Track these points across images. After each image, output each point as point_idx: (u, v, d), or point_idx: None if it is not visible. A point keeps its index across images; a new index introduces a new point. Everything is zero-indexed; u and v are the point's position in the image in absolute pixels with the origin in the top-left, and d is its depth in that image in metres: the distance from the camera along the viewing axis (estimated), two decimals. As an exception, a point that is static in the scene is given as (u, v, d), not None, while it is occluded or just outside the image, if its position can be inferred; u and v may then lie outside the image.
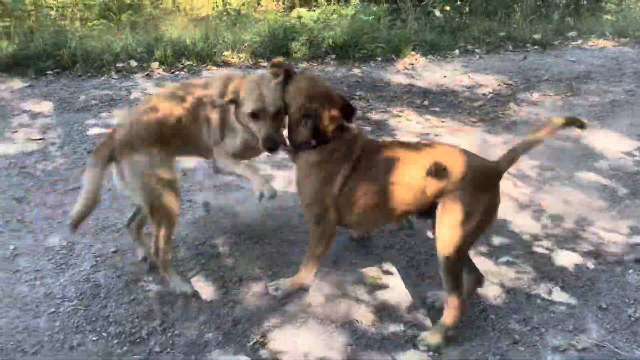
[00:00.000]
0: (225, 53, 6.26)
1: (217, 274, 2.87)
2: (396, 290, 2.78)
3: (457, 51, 7.02)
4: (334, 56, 6.49)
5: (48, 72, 5.56)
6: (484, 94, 5.65)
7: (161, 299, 2.68)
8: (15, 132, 4.31)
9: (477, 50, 7.15)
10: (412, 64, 6.50)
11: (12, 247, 2.99)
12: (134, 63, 5.87)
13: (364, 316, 2.59)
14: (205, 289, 2.76)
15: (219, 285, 2.78)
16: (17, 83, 5.31)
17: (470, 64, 6.64)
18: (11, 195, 3.47)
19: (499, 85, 5.94)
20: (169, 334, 2.47)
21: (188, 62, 6.01)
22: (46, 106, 4.83)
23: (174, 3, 8.30)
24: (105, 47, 6.03)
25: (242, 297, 2.72)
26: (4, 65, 5.53)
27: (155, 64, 5.86)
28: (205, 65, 6.06)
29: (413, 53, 6.69)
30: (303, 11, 7.61)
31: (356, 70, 6.21)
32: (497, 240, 3.19)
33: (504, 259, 3.03)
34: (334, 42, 6.55)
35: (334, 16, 7.34)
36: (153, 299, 2.67)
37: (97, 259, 2.94)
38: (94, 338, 2.44)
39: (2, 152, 3.99)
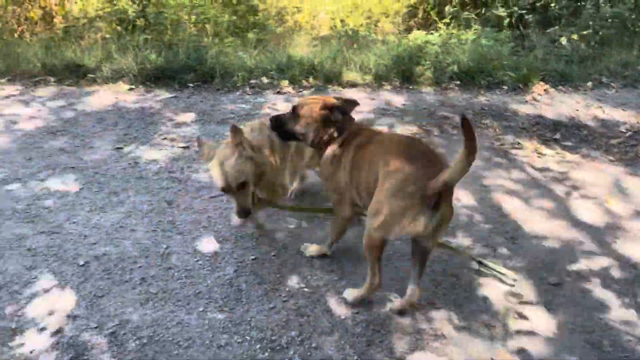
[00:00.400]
0: (350, 75, 6.44)
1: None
2: (534, 322, 2.71)
3: (590, 83, 6.68)
4: (458, 82, 6.45)
5: (190, 84, 6.06)
6: (621, 131, 5.33)
7: (297, 310, 2.81)
8: (164, 139, 4.73)
9: (612, 83, 6.76)
10: (540, 94, 6.28)
11: (164, 246, 3.28)
12: (265, 80, 6.22)
13: (500, 354, 2.55)
14: (337, 307, 2.84)
15: (351, 304, 2.86)
16: (164, 94, 5.84)
17: (604, 98, 6.29)
18: (163, 197, 3.81)
19: (639, 122, 5.57)
20: (307, 346, 2.58)
21: (315, 82, 6.26)
22: (189, 117, 5.25)
23: (295, 23, 8.67)
24: (239, 64, 6.45)
25: (373, 317, 2.77)
26: (153, 77, 6.11)
27: (285, 82, 6.17)
28: (331, 85, 6.28)
29: (542, 83, 6.47)
30: (421, 34, 7.62)
31: (481, 98, 6.12)
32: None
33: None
34: (459, 68, 6.51)
35: (453, 40, 7.29)
36: (290, 310, 2.81)
37: (239, 264, 3.14)
38: (239, 340, 2.60)
39: (153, 157, 4.39)
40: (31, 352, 2.49)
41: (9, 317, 2.69)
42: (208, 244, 3.31)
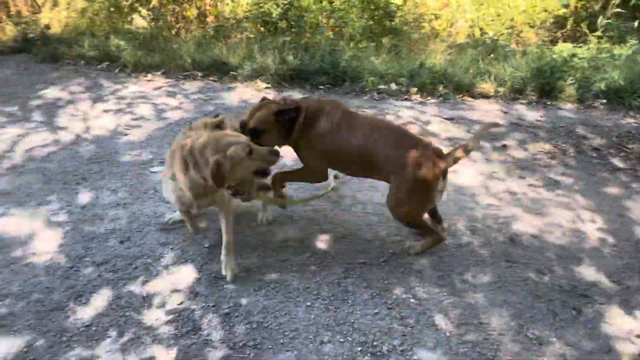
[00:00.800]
0: (483, 85, 6.22)
1: (457, 309, 2.87)
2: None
3: None
4: (604, 101, 5.92)
5: (321, 86, 6.27)
6: None
7: (401, 319, 2.79)
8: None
9: None
10: (702, 120, 5.56)
11: (282, 237, 3.45)
12: (394, 86, 6.23)
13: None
14: (443, 323, 2.78)
15: (459, 321, 2.78)
16: (296, 94, 6.10)
17: None
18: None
19: None
20: (407, 357, 2.56)
21: (444, 90, 6.13)
22: (317, 117, 5.43)
23: (432, 30, 8.51)
24: (370, 68, 6.52)
25: (481, 339, 2.67)
26: (289, 77, 6.41)
27: (414, 90, 6.13)
28: (461, 95, 6.11)
29: None
30: (568, 46, 7.08)
31: (630, 120, 5.57)
32: None
33: None
34: (607, 85, 5.97)
35: (603, 54, 6.66)
36: (394, 318, 2.80)
37: (348, 266, 3.20)
38: (341, 340, 2.66)
39: (281, 152, 4.60)
40: (156, 319, 2.77)
41: (140, 287, 3.01)
42: (320, 243, 3.41)
